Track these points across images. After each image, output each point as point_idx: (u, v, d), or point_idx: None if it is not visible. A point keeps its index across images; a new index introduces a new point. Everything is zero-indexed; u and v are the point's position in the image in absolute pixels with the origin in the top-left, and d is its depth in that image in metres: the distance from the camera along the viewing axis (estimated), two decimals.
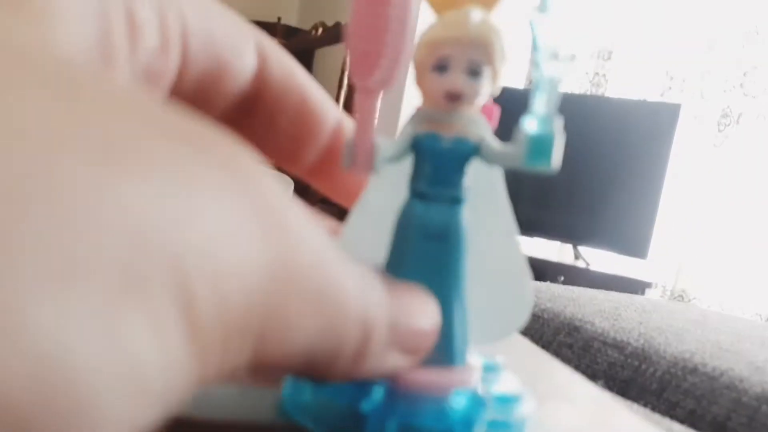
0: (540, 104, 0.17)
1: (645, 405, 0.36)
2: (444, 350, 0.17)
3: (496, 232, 0.18)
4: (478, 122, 0.17)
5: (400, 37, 0.15)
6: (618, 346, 0.39)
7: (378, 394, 0.15)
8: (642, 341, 0.39)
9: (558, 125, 0.16)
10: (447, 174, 0.18)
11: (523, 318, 0.17)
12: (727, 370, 0.35)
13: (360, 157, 0.16)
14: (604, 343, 0.40)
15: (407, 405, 0.15)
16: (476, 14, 0.16)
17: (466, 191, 0.16)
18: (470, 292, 0.17)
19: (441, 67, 0.16)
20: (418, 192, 0.17)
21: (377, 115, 0.16)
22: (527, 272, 0.17)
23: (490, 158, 0.17)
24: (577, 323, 0.43)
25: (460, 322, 0.17)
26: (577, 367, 0.40)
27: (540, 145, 0.17)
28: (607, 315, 0.45)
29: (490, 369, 0.19)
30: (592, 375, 0.39)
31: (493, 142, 0.18)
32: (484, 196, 0.17)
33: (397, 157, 0.17)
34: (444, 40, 0.16)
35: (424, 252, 0.17)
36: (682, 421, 0.34)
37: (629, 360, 0.38)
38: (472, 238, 0.17)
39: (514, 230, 0.17)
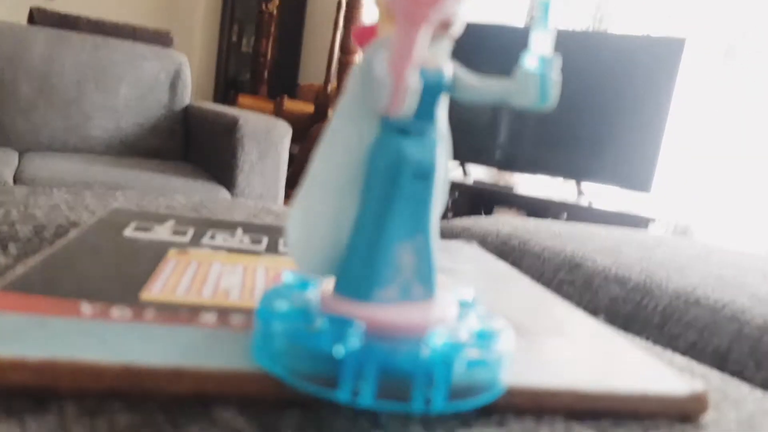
0: (540, 44, 0.16)
1: (647, 338, 0.36)
2: (427, 280, 0.16)
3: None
4: (446, 53, 0.17)
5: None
6: (620, 281, 0.39)
7: (354, 337, 0.15)
8: (644, 276, 0.39)
9: (557, 64, 0.16)
10: (426, 108, 0.17)
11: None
12: (729, 302, 0.35)
13: (398, 98, 0.16)
14: (606, 278, 0.40)
15: (384, 348, 0.15)
16: None
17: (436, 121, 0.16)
18: None
19: None
20: (399, 128, 0.17)
21: (418, 53, 0.16)
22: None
23: (466, 94, 0.17)
24: (579, 260, 0.42)
25: (435, 255, 0.16)
26: (579, 304, 0.40)
27: (541, 84, 0.16)
28: (609, 251, 0.44)
29: (465, 305, 0.19)
30: (593, 311, 0.39)
31: (466, 76, 0.17)
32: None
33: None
34: None
35: (414, 192, 0.17)
36: (683, 353, 0.34)
37: (631, 295, 0.38)
38: None
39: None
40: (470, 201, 1.61)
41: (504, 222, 0.53)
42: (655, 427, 0.18)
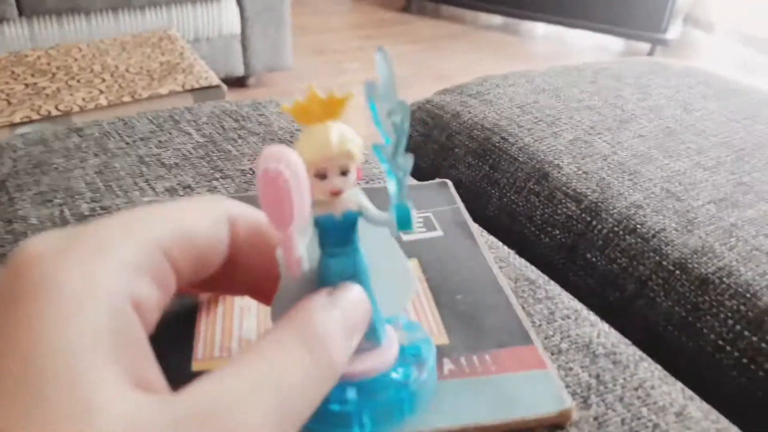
0: (395, 191, 0.23)
1: (591, 257, 0.44)
2: (375, 335, 0.25)
3: (385, 249, 0.25)
4: (356, 195, 0.24)
5: (299, 201, 0.21)
6: (576, 198, 0.45)
7: (351, 393, 0.25)
8: (598, 191, 0.45)
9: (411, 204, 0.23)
10: (345, 237, 0.25)
11: (409, 297, 0.28)
12: (659, 231, 0.41)
13: (292, 268, 0.23)
14: (566, 194, 0.46)
15: (367, 392, 0.25)
16: (334, 132, 0.22)
17: (358, 238, 0.23)
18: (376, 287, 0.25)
19: (321, 176, 0.22)
20: (328, 253, 0.25)
21: (296, 241, 0.23)
22: (410, 271, 0.25)
23: (370, 220, 0.24)
24: (547, 168, 0.48)
25: (379, 320, 0.25)
26: (542, 216, 0.47)
27: (402, 220, 0.23)
28: (580, 149, 0.49)
29: (408, 326, 0.28)
30: (552, 225, 0.46)
31: (372, 209, 0.24)
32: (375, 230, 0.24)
33: (309, 238, 0.24)
34: (318, 160, 0.21)
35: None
36: (616, 276, 0.42)
37: (583, 215, 0.44)
38: (373, 256, 0.24)
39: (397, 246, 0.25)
40: None
41: (497, 103, 0.57)
42: None
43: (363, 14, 3.15)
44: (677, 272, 0.39)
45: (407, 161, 0.22)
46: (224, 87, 1.26)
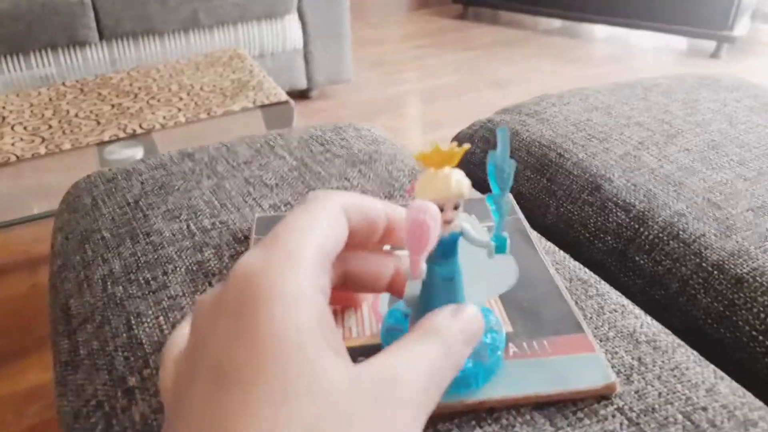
0: (496, 226, 0.30)
1: (639, 260, 0.49)
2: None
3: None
4: (460, 221, 0.31)
5: (432, 239, 0.28)
6: (625, 208, 0.51)
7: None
8: (645, 201, 0.51)
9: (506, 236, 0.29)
10: (448, 251, 0.32)
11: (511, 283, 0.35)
12: (699, 236, 0.47)
13: (416, 276, 0.30)
14: (616, 204, 0.52)
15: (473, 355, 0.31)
16: (453, 179, 0.29)
17: (460, 254, 0.30)
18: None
19: (440, 207, 0.29)
20: (435, 261, 0.32)
21: (422, 262, 0.30)
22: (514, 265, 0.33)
23: (470, 241, 0.31)
24: (599, 181, 0.54)
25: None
26: (595, 224, 0.52)
27: (500, 247, 0.30)
28: (630, 164, 0.55)
29: (484, 311, 0.35)
30: (604, 232, 0.52)
31: (471, 231, 0.31)
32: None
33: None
34: (439, 199, 0.28)
35: (445, 286, 0.32)
36: (661, 276, 0.48)
37: (632, 223, 0.50)
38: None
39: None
40: None
41: (553, 121, 0.63)
42: (582, 403, 0.33)
43: (419, 24, 3.21)
44: (715, 272, 0.45)
45: (507, 205, 0.29)
46: (292, 103, 1.35)
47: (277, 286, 0.21)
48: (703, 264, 0.45)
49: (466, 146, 0.28)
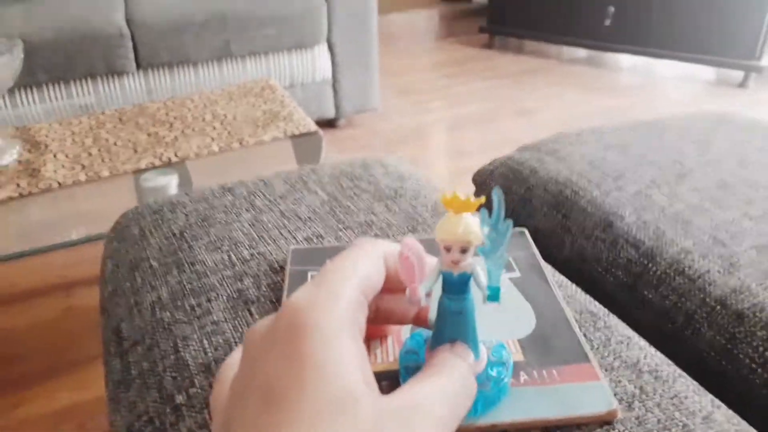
0: (490, 277, 0.33)
1: (647, 295, 0.52)
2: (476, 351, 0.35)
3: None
4: (472, 264, 0.34)
5: (419, 272, 0.32)
6: (635, 245, 0.54)
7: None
8: (654, 239, 0.54)
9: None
10: (459, 289, 0.35)
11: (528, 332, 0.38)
12: (704, 273, 0.50)
13: (414, 304, 0.34)
14: (627, 241, 0.55)
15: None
16: (462, 224, 0.32)
17: (469, 290, 0.34)
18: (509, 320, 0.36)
19: (447, 248, 0.32)
20: (446, 296, 0.35)
21: (418, 291, 0.33)
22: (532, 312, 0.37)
23: (477, 284, 0.34)
24: (611, 218, 0.57)
25: (474, 342, 0.35)
26: (607, 259, 0.56)
27: (492, 296, 0.33)
28: (641, 202, 0.58)
29: (499, 346, 0.38)
30: (615, 267, 0.55)
31: (480, 276, 0.34)
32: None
33: (433, 284, 0.34)
34: (445, 240, 0.32)
35: (455, 319, 0.36)
36: (668, 310, 0.51)
37: (641, 259, 0.53)
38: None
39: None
40: None
41: (570, 160, 0.66)
42: (586, 427, 0.36)
43: (446, 53, 3.27)
44: (718, 307, 0.47)
45: (501, 260, 0.32)
46: (321, 133, 1.40)
47: (321, 321, 0.25)
48: (707, 299, 0.48)
49: (482, 199, 0.31)
